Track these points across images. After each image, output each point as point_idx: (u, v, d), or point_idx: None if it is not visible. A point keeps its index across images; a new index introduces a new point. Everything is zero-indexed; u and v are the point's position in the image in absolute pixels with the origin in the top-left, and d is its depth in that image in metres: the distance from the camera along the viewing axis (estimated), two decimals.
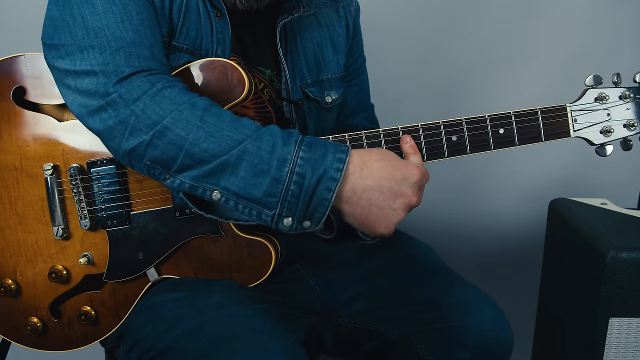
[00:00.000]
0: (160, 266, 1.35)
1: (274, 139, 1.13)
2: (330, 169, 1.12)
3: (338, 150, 1.14)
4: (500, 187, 2.45)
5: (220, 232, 1.33)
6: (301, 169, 1.11)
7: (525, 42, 2.35)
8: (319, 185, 1.11)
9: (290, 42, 1.51)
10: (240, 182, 1.13)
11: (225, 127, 1.14)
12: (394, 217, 1.19)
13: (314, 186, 1.11)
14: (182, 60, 1.35)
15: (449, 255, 1.68)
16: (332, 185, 1.12)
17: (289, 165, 1.11)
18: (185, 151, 1.14)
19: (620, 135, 1.37)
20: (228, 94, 1.31)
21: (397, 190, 1.18)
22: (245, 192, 1.13)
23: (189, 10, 1.35)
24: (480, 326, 1.41)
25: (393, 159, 1.20)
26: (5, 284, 1.37)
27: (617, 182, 2.39)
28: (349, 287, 1.51)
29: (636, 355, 1.71)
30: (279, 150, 1.12)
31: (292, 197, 1.12)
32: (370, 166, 1.17)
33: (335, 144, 1.17)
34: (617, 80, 1.35)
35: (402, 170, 1.18)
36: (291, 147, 1.12)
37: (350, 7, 1.65)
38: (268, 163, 1.11)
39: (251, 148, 1.12)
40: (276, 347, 1.19)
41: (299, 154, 1.12)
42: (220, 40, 1.38)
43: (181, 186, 1.17)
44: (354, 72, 1.69)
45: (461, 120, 1.31)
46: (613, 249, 1.66)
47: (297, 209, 1.13)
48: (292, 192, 1.11)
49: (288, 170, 1.11)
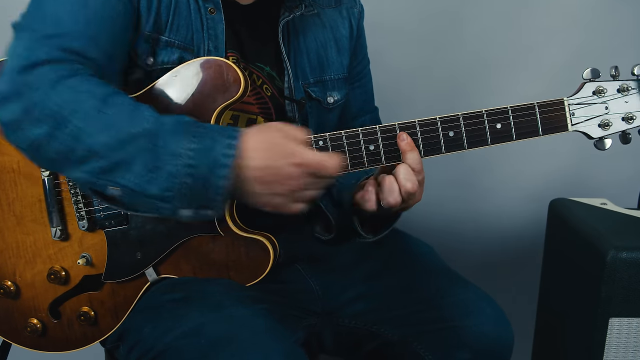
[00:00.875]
0: (158, 266, 1.35)
1: (167, 132, 1.12)
2: (220, 157, 1.11)
3: (227, 136, 1.13)
4: (500, 187, 2.45)
5: (219, 231, 1.33)
6: (192, 160, 1.10)
7: (525, 43, 2.35)
8: (212, 175, 1.11)
9: (293, 41, 1.51)
10: (136, 178, 1.11)
11: (123, 119, 1.12)
12: (279, 200, 1.17)
13: (206, 176, 1.10)
14: (175, 55, 1.35)
15: (449, 254, 1.67)
16: (224, 172, 1.11)
17: (180, 159, 1.10)
18: (82, 143, 1.11)
19: (619, 128, 1.35)
20: (224, 92, 1.31)
21: (279, 174, 1.15)
22: (141, 189, 1.12)
23: (178, 6, 1.36)
24: (481, 326, 1.41)
25: (280, 143, 1.16)
26: (4, 285, 1.37)
27: (617, 182, 2.39)
28: (349, 288, 1.51)
29: (636, 355, 1.71)
30: (171, 144, 1.10)
31: (187, 189, 1.11)
32: (258, 148, 1.14)
33: (226, 129, 1.15)
34: (615, 74, 1.34)
35: (285, 155, 1.15)
36: (181, 139, 1.11)
37: (354, 9, 1.65)
38: (161, 158, 1.10)
39: (144, 144, 1.11)
40: (276, 347, 1.19)
41: (189, 145, 1.11)
42: (212, 36, 1.38)
43: (80, 180, 1.16)
44: (358, 74, 1.69)
45: (458, 116, 1.30)
46: (613, 249, 1.65)
47: (193, 200, 1.13)
48: (187, 185, 1.11)
49: (180, 164, 1.10)
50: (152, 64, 1.34)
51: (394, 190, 1.28)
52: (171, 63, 1.34)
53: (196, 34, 1.37)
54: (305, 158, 1.15)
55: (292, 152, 1.15)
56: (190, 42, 1.37)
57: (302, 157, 1.15)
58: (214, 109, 1.31)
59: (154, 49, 1.34)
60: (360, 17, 1.66)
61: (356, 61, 1.66)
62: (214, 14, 1.39)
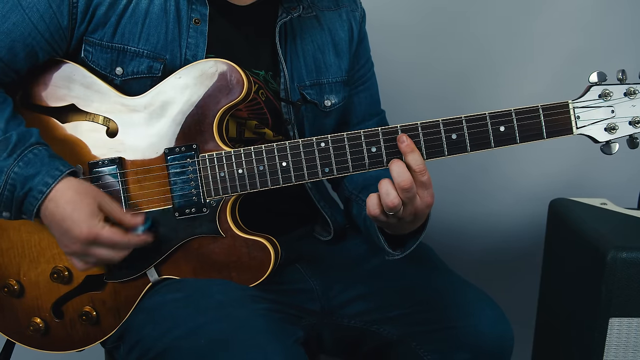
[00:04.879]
0: (160, 266, 1.36)
1: (4, 150, 1.26)
2: (35, 190, 1.25)
3: (49, 175, 1.26)
4: (500, 187, 2.45)
5: (220, 232, 1.34)
6: (13, 181, 1.26)
7: (528, 41, 2.34)
8: (27, 198, 1.26)
9: (290, 42, 1.51)
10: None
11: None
12: (65, 249, 1.30)
13: (22, 197, 1.26)
14: (143, 65, 1.37)
15: (448, 255, 1.68)
16: (34, 202, 1.26)
17: (4, 176, 1.25)
18: None
19: (626, 132, 1.32)
20: (227, 94, 1.32)
21: (67, 230, 1.26)
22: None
23: (149, 16, 1.37)
24: (481, 326, 1.41)
25: (80, 208, 1.26)
26: (9, 284, 1.38)
27: (617, 182, 2.38)
28: (349, 288, 1.51)
29: (636, 355, 1.71)
30: (1, 161, 1.26)
31: (7, 200, 1.27)
32: (65, 199, 1.26)
33: (56, 165, 1.27)
34: (622, 77, 1.31)
35: (72, 224, 1.25)
36: (11, 160, 1.26)
37: (355, 12, 1.64)
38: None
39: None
40: (276, 347, 1.19)
41: (14, 168, 1.25)
42: (191, 44, 1.39)
43: None
44: (362, 78, 1.68)
45: (461, 119, 1.29)
46: (613, 249, 1.65)
47: (12, 208, 1.28)
48: (7, 197, 1.26)
49: (4, 180, 1.25)
50: (121, 74, 1.36)
51: (374, 204, 1.27)
52: (140, 73, 1.37)
53: (171, 43, 1.38)
54: (98, 232, 1.25)
55: (90, 220, 1.25)
56: (161, 51, 1.38)
57: (97, 232, 1.25)
58: (218, 110, 1.32)
59: (120, 59, 1.36)
60: (362, 20, 1.66)
61: (359, 64, 1.66)
62: (199, 24, 1.40)
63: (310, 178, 1.33)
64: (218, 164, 1.33)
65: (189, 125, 1.33)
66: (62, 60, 1.37)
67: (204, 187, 1.34)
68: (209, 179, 1.33)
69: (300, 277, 1.53)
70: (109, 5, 1.34)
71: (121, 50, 1.36)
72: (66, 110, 1.36)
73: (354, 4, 1.64)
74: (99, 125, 1.36)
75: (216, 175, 1.33)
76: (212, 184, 1.33)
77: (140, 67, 1.37)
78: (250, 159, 1.33)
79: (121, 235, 1.28)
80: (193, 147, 1.33)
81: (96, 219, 1.26)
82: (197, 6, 1.40)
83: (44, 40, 1.32)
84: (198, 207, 1.34)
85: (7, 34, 1.29)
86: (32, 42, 1.31)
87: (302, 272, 1.54)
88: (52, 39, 1.33)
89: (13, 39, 1.30)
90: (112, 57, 1.36)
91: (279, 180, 1.33)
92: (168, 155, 1.33)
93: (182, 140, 1.34)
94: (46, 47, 1.33)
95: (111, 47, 1.36)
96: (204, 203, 1.34)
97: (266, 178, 1.33)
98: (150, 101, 1.35)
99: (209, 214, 1.34)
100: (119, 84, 1.37)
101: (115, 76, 1.37)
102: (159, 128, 1.34)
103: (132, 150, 1.35)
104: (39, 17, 1.31)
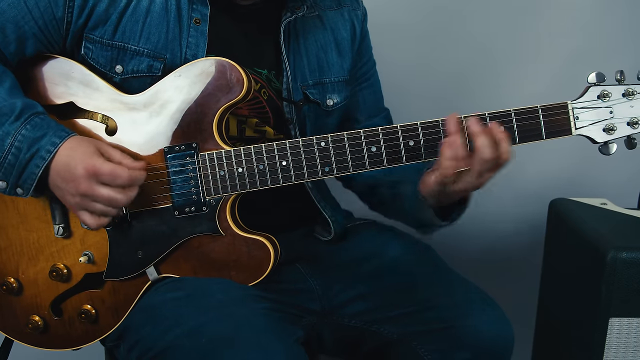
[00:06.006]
0: (159, 265, 1.36)
1: (10, 113, 1.25)
2: (43, 150, 1.24)
3: (56, 135, 1.26)
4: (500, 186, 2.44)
5: (219, 231, 1.34)
6: (20, 144, 1.24)
7: (527, 42, 2.34)
8: (31, 161, 1.24)
9: (293, 42, 1.51)
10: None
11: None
12: (72, 200, 1.27)
13: (27, 160, 1.24)
14: (144, 64, 1.37)
15: (449, 255, 1.67)
16: (41, 163, 1.25)
17: (10, 139, 1.24)
18: None
19: (624, 133, 1.33)
20: (227, 93, 1.31)
21: (73, 174, 1.25)
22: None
23: (150, 14, 1.37)
24: (481, 326, 1.41)
25: (86, 150, 1.26)
26: (7, 282, 1.38)
27: (617, 182, 2.38)
28: (349, 287, 1.51)
29: (636, 355, 1.71)
30: (7, 125, 1.24)
31: (9, 165, 1.25)
32: (68, 147, 1.26)
33: (61, 129, 1.27)
34: (620, 78, 1.32)
35: (82, 160, 1.24)
36: (18, 124, 1.25)
37: (357, 11, 1.64)
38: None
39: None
40: (277, 347, 1.20)
41: (22, 131, 1.24)
42: (191, 44, 1.39)
43: None
44: (365, 74, 1.69)
45: (460, 119, 1.30)
46: (613, 249, 1.65)
47: (11, 176, 1.26)
48: (9, 162, 1.25)
49: (9, 143, 1.24)
50: (121, 72, 1.36)
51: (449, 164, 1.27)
52: (140, 72, 1.37)
53: (172, 42, 1.38)
54: (97, 165, 1.24)
55: (89, 158, 1.24)
56: (161, 50, 1.38)
57: (94, 164, 1.24)
58: (217, 109, 1.32)
59: (120, 57, 1.36)
60: (364, 19, 1.66)
61: (361, 62, 1.66)
62: (199, 24, 1.40)
63: (310, 177, 1.33)
64: (218, 162, 1.33)
65: (188, 123, 1.33)
66: (60, 58, 1.36)
67: (203, 186, 1.33)
68: (209, 177, 1.33)
69: (300, 276, 1.53)
70: (109, 2, 1.34)
71: (121, 49, 1.36)
72: (65, 108, 1.36)
73: (355, 2, 1.64)
74: (97, 124, 1.35)
75: (216, 174, 1.33)
76: (211, 182, 1.33)
77: (140, 66, 1.37)
78: (250, 158, 1.32)
79: (122, 169, 1.26)
80: (193, 146, 1.33)
81: (95, 156, 1.25)
82: (197, 6, 1.40)
83: (36, 26, 1.32)
84: (198, 205, 1.34)
85: (1, 13, 1.30)
86: (24, 26, 1.31)
87: (302, 271, 1.53)
88: (45, 28, 1.33)
89: (6, 19, 1.30)
90: (112, 55, 1.36)
91: (279, 180, 1.33)
92: (168, 154, 1.33)
93: (180, 139, 1.34)
94: (38, 35, 1.33)
95: (111, 45, 1.36)
96: (203, 202, 1.34)
97: (266, 177, 1.33)
98: (149, 99, 1.34)
99: (208, 213, 1.34)
100: (119, 82, 1.37)
101: (115, 74, 1.37)
102: (157, 126, 1.34)
103: (131, 149, 1.34)
104: (34, 3, 1.31)
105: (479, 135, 1.25)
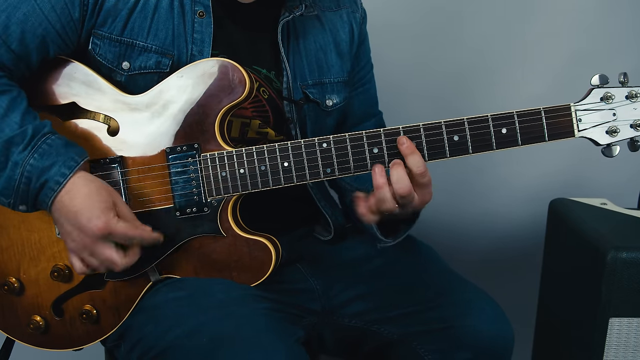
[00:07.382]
0: (160, 266, 1.36)
1: (19, 142, 1.24)
2: (51, 181, 1.24)
3: (65, 165, 1.25)
4: (500, 187, 2.45)
5: (221, 232, 1.34)
6: (29, 174, 1.24)
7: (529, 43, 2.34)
8: (42, 190, 1.25)
9: (292, 41, 1.51)
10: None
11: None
12: (71, 245, 1.28)
13: (38, 189, 1.25)
14: (152, 60, 1.36)
15: (449, 255, 1.68)
16: (50, 193, 1.25)
17: (19, 169, 1.24)
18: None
19: (627, 135, 1.33)
20: (229, 93, 1.32)
21: (80, 225, 1.25)
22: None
23: (158, 10, 1.36)
24: (481, 326, 1.41)
25: (97, 201, 1.25)
26: (9, 282, 1.38)
27: (617, 182, 2.38)
28: (350, 287, 1.51)
29: (636, 355, 1.71)
30: (16, 155, 1.24)
31: (23, 192, 1.26)
32: (81, 193, 1.25)
33: (70, 153, 1.26)
34: (623, 80, 1.32)
35: (88, 217, 1.24)
36: (26, 153, 1.24)
37: (356, 13, 1.64)
38: (5, 164, 1.25)
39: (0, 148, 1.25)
40: (278, 346, 1.20)
41: (30, 161, 1.24)
42: (197, 40, 1.39)
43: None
44: (361, 80, 1.68)
45: (463, 120, 1.30)
46: (613, 249, 1.65)
47: (27, 200, 1.27)
48: (23, 189, 1.25)
49: (19, 173, 1.24)
50: (128, 69, 1.36)
51: (387, 199, 1.29)
52: (148, 68, 1.36)
53: (177, 39, 1.38)
54: (112, 225, 1.24)
55: (103, 214, 1.24)
56: (169, 47, 1.37)
57: (109, 224, 1.24)
58: (219, 110, 1.32)
59: (127, 53, 1.36)
60: (363, 22, 1.66)
61: (359, 66, 1.66)
62: (203, 17, 1.39)
63: (312, 178, 1.33)
64: (220, 163, 1.33)
65: (190, 124, 1.33)
66: (62, 58, 1.36)
67: (205, 187, 1.34)
68: (211, 178, 1.33)
69: (301, 276, 1.53)
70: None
71: (129, 45, 1.36)
72: (67, 108, 1.36)
73: (354, 4, 1.64)
74: (99, 124, 1.35)
75: (217, 175, 1.33)
76: (213, 183, 1.33)
77: (148, 62, 1.36)
78: (252, 158, 1.33)
79: (134, 230, 1.27)
80: (195, 147, 1.33)
81: (111, 213, 1.25)
82: None
83: (54, 31, 1.31)
84: (199, 206, 1.34)
85: (18, 24, 1.28)
86: (42, 33, 1.30)
87: (302, 271, 1.54)
88: (64, 31, 1.32)
89: (23, 30, 1.28)
90: (120, 51, 1.36)
91: (281, 181, 1.33)
92: (169, 155, 1.33)
93: (182, 139, 1.34)
94: (57, 40, 1.32)
95: (120, 41, 1.35)
96: (205, 202, 1.34)
97: (268, 178, 1.33)
98: (151, 100, 1.34)
99: (210, 214, 1.34)
100: (124, 80, 1.37)
101: (121, 70, 1.36)
102: (160, 126, 1.34)
103: (133, 149, 1.35)
104: (50, 7, 1.30)
105: (392, 172, 1.28)
